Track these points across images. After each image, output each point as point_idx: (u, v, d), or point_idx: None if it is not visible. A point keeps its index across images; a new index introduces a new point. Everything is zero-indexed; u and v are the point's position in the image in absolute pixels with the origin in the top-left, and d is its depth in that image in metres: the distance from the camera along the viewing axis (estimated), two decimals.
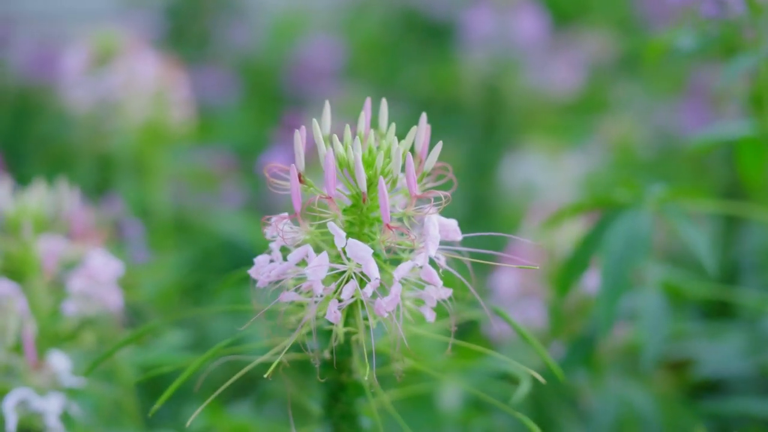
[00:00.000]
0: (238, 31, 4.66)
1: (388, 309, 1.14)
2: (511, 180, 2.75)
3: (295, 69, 4.34)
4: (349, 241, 1.13)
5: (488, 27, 3.08)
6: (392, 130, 1.20)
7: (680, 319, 2.21)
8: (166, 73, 2.64)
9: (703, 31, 1.72)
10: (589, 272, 1.83)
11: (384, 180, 1.14)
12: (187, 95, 2.69)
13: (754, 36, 1.68)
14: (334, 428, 1.37)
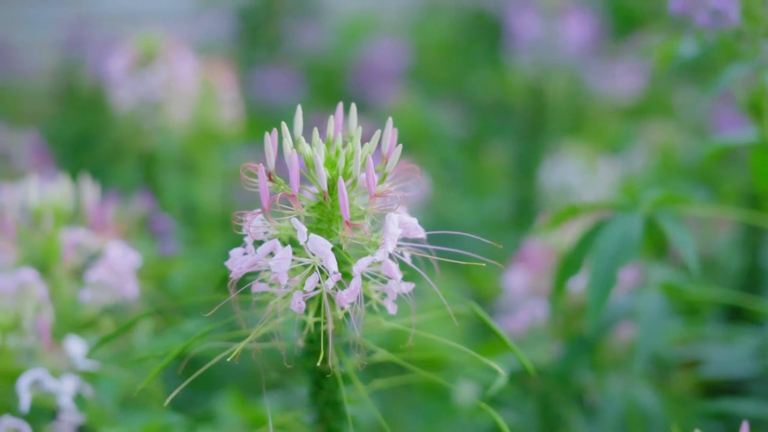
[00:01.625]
0: (307, 32, 4.76)
1: (349, 300, 1.22)
2: (549, 182, 2.81)
3: (360, 70, 4.43)
4: (311, 236, 1.20)
5: (535, 32, 3.13)
6: (359, 133, 1.27)
7: (698, 322, 2.25)
8: (216, 74, 2.75)
9: (701, 39, 1.76)
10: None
11: (345, 180, 1.22)
12: (236, 96, 2.79)
13: (750, 45, 1.71)
14: (319, 414, 1.43)
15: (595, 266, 1.68)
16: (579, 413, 1.99)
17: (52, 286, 1.72)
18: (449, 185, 3.43)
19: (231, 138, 2.80)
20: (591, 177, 2.78)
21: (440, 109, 4.15)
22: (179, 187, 2.65)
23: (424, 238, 1.29)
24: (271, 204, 1.24)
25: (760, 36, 1.72)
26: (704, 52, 1.77)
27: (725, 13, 1.71)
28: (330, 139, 1.28)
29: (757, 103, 1.77)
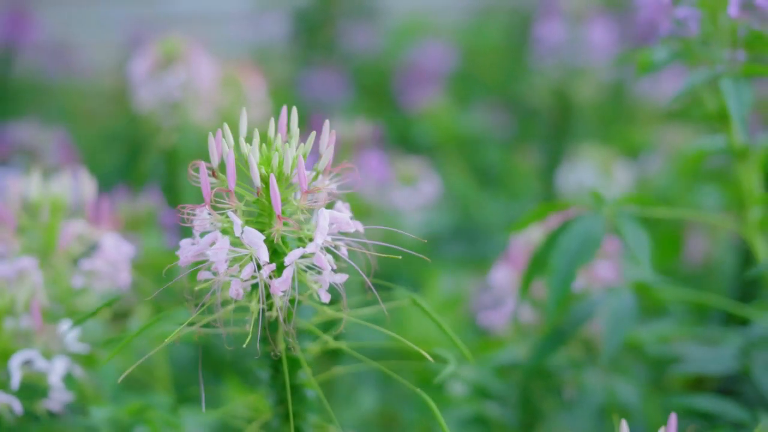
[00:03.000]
0: (361, 34, 4.87)
1: (282, 289, 1.32)
2: (565, 184, 2.88)
3: (406, 72, 4.53)
4: (245, 229, 1.31)
5: (559, 37, 3.21)
6: (296, 133, 1.37)
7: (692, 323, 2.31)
8: (245, 75, 2.87)
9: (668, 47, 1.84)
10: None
11: (282, 178, 1.33)
12: (264, 96, 2.91)
13: (713, 53, 1.78)
14: (278, 397, 1.54)
15: (557, 263, 1.76)
16: (558, 406, 2.07)
17: (53, 274, 1.85)
18: (482, 186, 3.51)
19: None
20: (606, 180, 2.85)
21: (484, 112, 4.24)
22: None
23: (361, 232, 1.39)
24: (215, 198, 1.34)
25: (721, 45, 1.78)
26: (672, 59, 1.84)
27: (687, 23, 1.77)
28: (270, 140, 1.38)
29: (723, 111, 1.83)
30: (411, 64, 4.55)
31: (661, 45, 1.84)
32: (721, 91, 1.72)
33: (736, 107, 1.70)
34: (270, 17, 5.09)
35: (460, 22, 5.18)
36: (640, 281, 1.96)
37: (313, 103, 4.42)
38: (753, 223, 1.85)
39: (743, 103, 1.71)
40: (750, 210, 1.85)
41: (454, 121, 3.57)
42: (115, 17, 5.19)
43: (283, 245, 1.37)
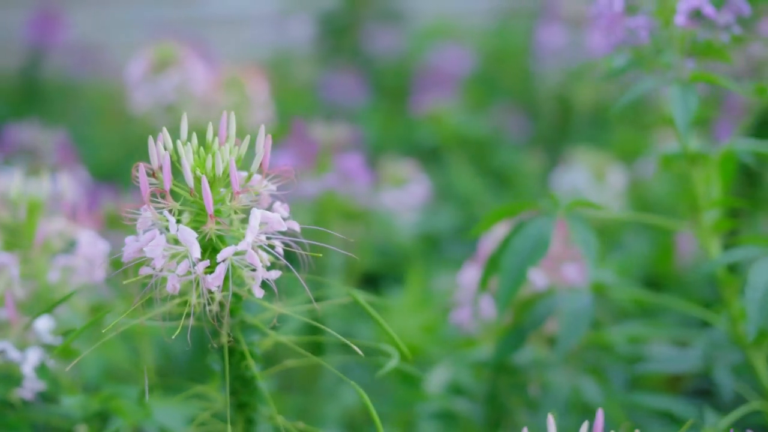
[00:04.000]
0: (385, 37, 4.93)
1: (215, 284, 1.40)
2: (559, 187, 2.94)
3: (425, 74, 4.59)
4: (180, 227, 1.39)
5: (558, 41, 3.26)
6: (232, 138, 1.45)
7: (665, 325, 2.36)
8: (250, 79, 2.96)
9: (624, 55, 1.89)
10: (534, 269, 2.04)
11: (210, 179, 1.41)
12: (268, 99, 2.99)
13: (663, 61, 1.84)
14: (231, 389, 1.61)
15: (508, 264, 1.82)
16: (524, 403, 2.13)
17: (32, 269, 1.94)
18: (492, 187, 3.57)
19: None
20: (599, 183, 2.90)
21: (501, 114, 4.29)
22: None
23: (297, 231, 1.47)
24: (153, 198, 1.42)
25: (674, 53, 1.84)
26: (629, 66, 1.90)
27: (638, 32, 1.83)
28: (208, 143, 1.46)
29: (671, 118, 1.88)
30: (429, 67, 4.61)
31: (617, 53, 1.89)
32: (669, 97, 1.76)
33: (681, 114, 1.75)
34: (296, 20, 5.17)
35: (484, 26, 5.23)
36: (599, 282, 2.01)
37: (333, 106, 4.50)
38: (707, 227, 1.90)
39: (688, 109, 1.76)
40: (703, 214, 1.89)
41: (459, 123, 3.63)
42: (146, 19, 5.30)
43: (222, 243, 1.45)
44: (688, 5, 1.78)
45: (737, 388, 1.98)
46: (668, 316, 2.50)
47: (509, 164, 3.80)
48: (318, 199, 2.31)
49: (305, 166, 2.32)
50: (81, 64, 4.73)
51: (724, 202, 1.90)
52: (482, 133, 3.74)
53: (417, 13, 5.18)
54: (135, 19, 5.43)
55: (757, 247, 1.76)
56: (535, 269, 2.06)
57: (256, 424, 1.63)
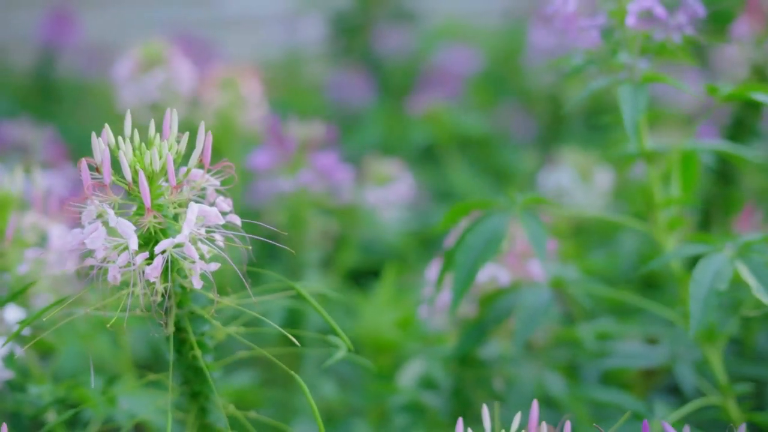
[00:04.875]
0: (396, 37, 4.97)
1: (153, 275, 1.45)
2: (545, 186, 2.97)
3: (431, 74, 4.63)
4: (118, 220, 1.44)
5: (549, 43, 3.29)
6: (174, 134, 1.50)
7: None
8: (244, 78, 3.02)
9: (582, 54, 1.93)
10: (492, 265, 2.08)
11: (149, 174, 1.46)
12: (262, 98, 3.04)
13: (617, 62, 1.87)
14: (183, 378, 1.67)
15: (461, 259, 1.86)
16: (489, 396, 2.17)
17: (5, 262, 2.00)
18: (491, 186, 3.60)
19: (256, 137, 3.05)
20: (585, 183, 2.93)
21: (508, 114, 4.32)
22: None
23: (238, 225, 1.51)
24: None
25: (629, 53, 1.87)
26: (586, 65, 1.93)
27: (590, 32, 1.86)
28: (150, 139, 1.51)
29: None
30: (437, 67, 4.65)
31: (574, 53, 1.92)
32: (618, 97, 1.80)
33: (630, 113, 1.78)
34: (309, 20, 5.22)
35: (495, 26, 5.25)
36: (558, 277, 2.05)
37: (340, 105, 4.54)
38: (662, 225, 1.93)
39: (637, 109, 1.79)
40: (659, 212, 1.92)
41: (455, 122, 3.67)
42: (162, 20, 5.37)
43: (164, 237, 1.50)
44: (638, 6, 1.81)
45: (698, 384, 2.01)
46: (647, 313, 2.52)
47: (509, 164, 3.83)
48: (293, 195, 2.35)
49: (282, 164, 2.37)
50: (94, 64, 4.80)
51: (678, 201, 1.93)
52: (480, 132, 3.77)
53: (429, 13, 5.21)
54: (149, 19, 5.50)
55: (706, 244, 1.79)
56: (499, 266, 2.10)
57: (208, 413, 1.66)
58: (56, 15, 4.79)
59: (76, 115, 4.54)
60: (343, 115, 4.56)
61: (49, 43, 4.76)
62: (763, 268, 1.72)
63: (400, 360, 2.43)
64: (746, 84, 1.86)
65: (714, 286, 1.70)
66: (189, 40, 4.81)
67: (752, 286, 1.70)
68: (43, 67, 4.74)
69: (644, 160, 1.93)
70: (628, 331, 2.27)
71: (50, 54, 4.75)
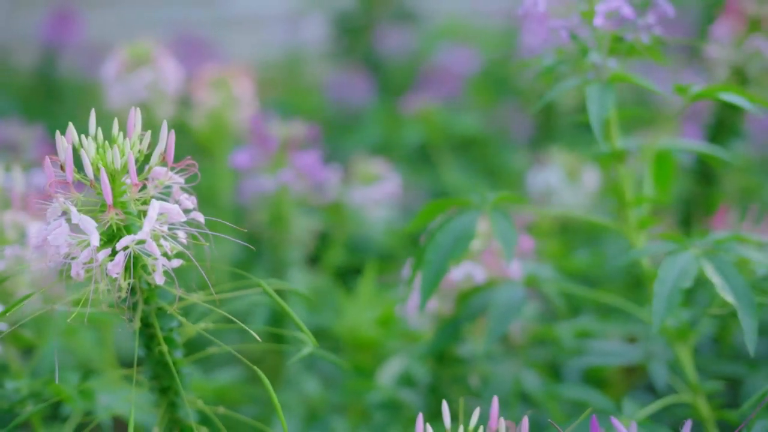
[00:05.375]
0: (398, 37, 4.99)
1: (115, 271, 1.47)
2: (533, 185, 2.99)
3: (430, 74, 4.65)
4: (81, 217, 1.47)
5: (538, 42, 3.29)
6: (137, 133, 1.52)
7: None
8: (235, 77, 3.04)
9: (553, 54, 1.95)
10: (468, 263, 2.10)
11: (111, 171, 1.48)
12: (253, 97, 3.07)
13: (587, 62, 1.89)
14: (152, 372, 1.69)
15: (431, 257, 1.88)
16: (466, 393, 2.19)
17: None
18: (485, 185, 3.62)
19: (247, 136, 3.07)
20: (573, 183, 2.94)
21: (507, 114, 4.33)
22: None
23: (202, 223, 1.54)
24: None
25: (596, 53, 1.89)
26: (557, 65, 1.95)
27: (559, 32, 1.88)
28: (114, 137, 1.53)
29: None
30: (436, 67, 4.67)
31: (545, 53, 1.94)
32: (586, 96, 1.82)
33: (596, 112, 1.80)
34: (312, 20, 5.25)
35: (497, 26, 5.27)
36: (532, 275, 2.07)
37: (340, 105, 4.57)
38: (632, 224, 1.94)
39: (604, 108, 1.81)
40: (629, 211, 1.94)
41: (447, 122, 3.69)
42: (165, 19, 5.40)
43: (128, 233, 1.52)
44: (606, 7, 1.83)
45: (671, 382, 2.03)
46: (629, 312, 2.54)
47: (506, 164, 3.85)
48: (275, 194, 2.38)
49: (264, 163, 2.40)
50: (95, 64, 4.82)
51: (648, 200, 1.95)
52: (473, 132, 3.79)
53: (431, 13, 5.23)
54: (151, 19, 5.53)
55: (673, 242, 1.80)
56: (475, 264, 2.12)
57: (178, 408, 1.69)
58: (58, 15, 4.82)
59: (77, 115, 4.57)
60: (344, 115, 4.59)
61: (50, 43, 4.79)
62: (728, 267, 1.73)
63: (382, 357, 2.45)
64: (715, 84, 1.87)
65: (678, 284, 1.72)
66: (190, 39, 4.85)
67: (716, 284, 1.71)
68: (45, 66, 4.77)
69: (614, 159, 1.94)
70: (607, 329, 2.28)
71: (52, 54, 4.78)
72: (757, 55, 2.42)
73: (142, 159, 1.54)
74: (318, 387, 2.49)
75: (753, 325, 1.67)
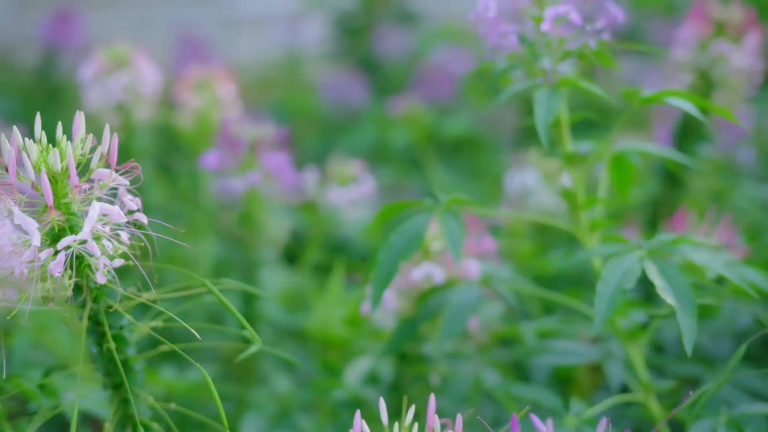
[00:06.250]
0: (397, 38, 5.02)
1: (56, 270, 1.52)
2: (510, 186, 3.02)
3: (425, 74, 4.69)
4: (23, 217, 1.51)
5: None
6: (80, 135, 1.56)
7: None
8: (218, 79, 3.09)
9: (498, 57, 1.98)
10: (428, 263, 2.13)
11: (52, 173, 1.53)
12: (236, 97, 3.12)
13: (538, 66, 1.92)
14: (104, 370, 1.73)
15: (383, 258, 1.92)
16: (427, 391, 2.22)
17: None
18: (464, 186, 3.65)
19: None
20: (549, 184, 2.97)
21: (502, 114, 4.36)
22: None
23: (145, 223, 1.58)
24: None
25: (547, 58, 1.92)
26: (509, 69, 1.98)
27: (509, 37, 1.91)
28: (57, 140, 1.58)
29: (556, 121, 1.97)
30: (432, 68, 4.70)
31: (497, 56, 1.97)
32: (533, 100, 1.85)
33: (542, 116, 1.84)
34: (313, 20, 5.29)
35: None
36: (487, 275, 2.10)
37: (336, 106, 4.60)
38: (584, 226, 1.97)
39: (550, 112, 1.84)
40: (581, 213, 1.97)
41: (433, 123, 3.72)
42: (168, 20, 5.44)
43: (72, 234, 1.56)
44: (554, 12, 1.86)
45: (626, 381, 2.06)
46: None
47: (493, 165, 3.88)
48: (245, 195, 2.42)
49: (232, 164, 2.44)
50: None
51: (599, 201, 1.98)
52: (459, 133, 3.82)
53: (430, 14, 5.26)
54: (154, 19, 5.58)
55: (620, 244, 1.83)
56: (435, 265, 2.16)
57: (130, 404, 1.72)
58: (59, 15, 4.88)
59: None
60: (340, 116, 4.63)
61: (51, 44, 4.85)
62: (671, 268, 1.76)
63: (351, 356, 2.49)
64: (663, 89, 1.90)
65: (621, 285, 1.75)
66: (190, 40, 4.89)
67: (658, 285, 1.74)
68: (45, 66, 4.83)
69: (565, 162, 1.97)
70: (571, 329, 2.31)
71: (52, 54, 4.84)
72: (721, 59, 2.44)
73: (85, 162, 1.57)
74: (289, 385, 2.53)
75: (691, 326, 1.70)
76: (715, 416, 1.82)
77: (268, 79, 5.15)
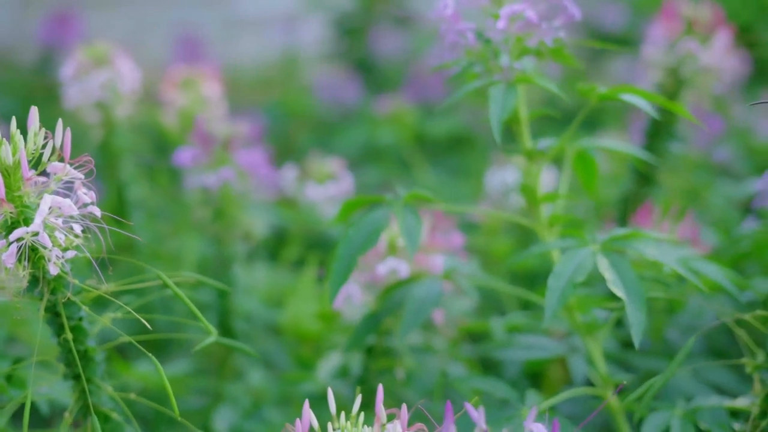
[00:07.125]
0: (394, 39, 5.05)
1: (8, 262, 1.55)
2: (491, 184, 3.05)
3: (417, 73, 4.72)
4: None
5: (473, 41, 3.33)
6: (34, 130, 1.60)
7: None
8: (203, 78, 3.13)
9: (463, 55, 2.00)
10: (393, 258, 2.16)
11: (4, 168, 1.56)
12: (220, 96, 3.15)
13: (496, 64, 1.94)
14: (65, 360, 1.77)
15: (341, 252, 1.94)
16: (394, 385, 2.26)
17: None
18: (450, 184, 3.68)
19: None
20: None
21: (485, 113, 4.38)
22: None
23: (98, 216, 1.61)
24: None
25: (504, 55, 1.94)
26: (469, 66, 2.01)
27: (466, 35, 1.94)
28: (12, 134, 1.61)
29: (516, 118, 1.99)
30: (423, 68, 4.73)
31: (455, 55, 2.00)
32: (488, 97, 1.87)
33: (496, 113, 1.86)
34: (312, 21, 5.32)
35: None
36: (450, 269, 2.13)
37: (331, 105, 4.64)
38: (543, 222, 2.00)
39: (504, 109, 1.87)
40: (539, 208, 2.00)
41: (418, 123, 3.75)
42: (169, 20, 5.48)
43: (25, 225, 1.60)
44: (510, 11, 1.88)
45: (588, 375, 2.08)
46: None
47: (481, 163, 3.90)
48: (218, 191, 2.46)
49: (206, 161, 2.47)
50: None
51: (558, 197, 2.00)
52: (445, 133, 3.85)
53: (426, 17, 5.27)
54: (155, 19, 5.62)
55: (575, 238, 1.86)
56: (400, 260, 2.19)
57: (90, 394, 1.76)
58: (59, 16, 4.92)
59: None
60: (335, 115, 4.66)
61: (50, 44, 4.89)
62: (622, 262, 1.79)
63: (324, 350, 2.52)
64: (617, 86, 1.92)
65: (573, 279, 1.77)
66: (190, 40, 4.93)
67: (608, 279, 1.76)
68: (44, 66, 4.88)
69: (525, 158, 2.00)
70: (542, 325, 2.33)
71: (51, 54, 4.89)
72: (690, 57, 2.46)
73: (38, 156, 1.61)
74: (262, 379, 2.56)
75: (640, 319, 1.72)
76: (671, 409, 1.84)
77: (267, 80, 5.19)
